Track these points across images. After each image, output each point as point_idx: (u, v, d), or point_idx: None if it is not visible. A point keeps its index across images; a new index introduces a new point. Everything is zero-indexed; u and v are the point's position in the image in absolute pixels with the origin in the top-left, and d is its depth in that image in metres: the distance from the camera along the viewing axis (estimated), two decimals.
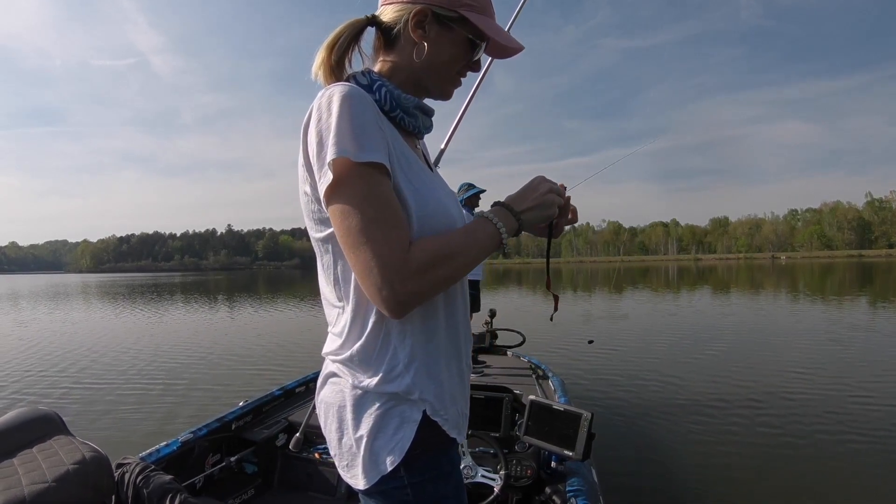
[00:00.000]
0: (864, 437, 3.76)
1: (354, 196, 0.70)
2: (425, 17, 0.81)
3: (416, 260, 0.70)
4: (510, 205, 0.83)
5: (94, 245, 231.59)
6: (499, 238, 0.79)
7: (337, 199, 0.71)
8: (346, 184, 0.71)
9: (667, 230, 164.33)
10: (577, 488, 1.78)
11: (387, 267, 0.68)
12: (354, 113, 0.72)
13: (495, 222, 0.79)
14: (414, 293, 0.70)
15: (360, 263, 0.70)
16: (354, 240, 0.70)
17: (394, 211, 0.72)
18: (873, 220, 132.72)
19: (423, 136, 0.93)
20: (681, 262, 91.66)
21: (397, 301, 0.70)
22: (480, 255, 0.77)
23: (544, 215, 0.85)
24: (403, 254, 0.69)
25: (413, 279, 0.69)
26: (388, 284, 0.69)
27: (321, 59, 0.84)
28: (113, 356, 8.02)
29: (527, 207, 0.83)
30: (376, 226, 0.69)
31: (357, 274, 0.72)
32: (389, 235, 0.69)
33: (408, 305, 0.71)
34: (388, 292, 0.69)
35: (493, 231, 0.79)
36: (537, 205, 0.84)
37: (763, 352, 7.11)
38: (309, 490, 2.35)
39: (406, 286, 0.69)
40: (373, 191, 0.71)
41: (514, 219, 0.81)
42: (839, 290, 17.79)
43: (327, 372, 0.85)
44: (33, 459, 1.27)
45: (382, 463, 0.76)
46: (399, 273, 0.69)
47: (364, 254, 0.70)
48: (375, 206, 0.70)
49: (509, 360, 4.22)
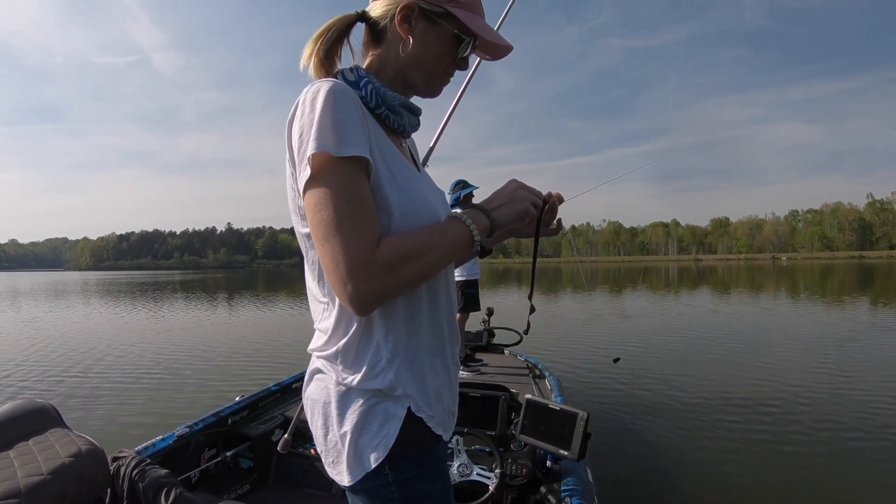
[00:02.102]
0: (864, 438, 3.76)
1: (330, 190, 0.70)
2: (412, 12, 0.81)
3: (382, 257, 0.69)
4: (481, 205, 0.84)
5: (93, 243, 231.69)
6: (470, 237, 0.78)
7: (313, 192, 0.71)
8: (324, 178, 0.70)
9: (667, 230, 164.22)
10: (573, 488, 1.78)
11: (352, 263, 0.68)
12: (337, 108, 0.72)
13: (465, 221, 0.79)
14: (377, 291, 0.69)
15: (327, 257, 0.70)
16: (324, 233, 0.70)
17: (366, 208, 0.71)
18: (874, 222, 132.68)
19: (410, 135, 0.93)
20: (681, 263, 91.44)
21: (360, 298, 0.69)
22: (451, 254, 0.77)
23: (516, 210, 0.84)
24: (370, 251, 0.69)
25: (378, 277, 0.69)
26: (352, 280, 0.68)
27: (308, 52, 0.84)
28: (111, 350, 8.04)
29: (497, 206, 0.83)
30: (347, 221, 0.69)
31: (324, 268, 0.72)
32: (358, 231, 0.69)
33: (371, 303, 0.71)
34: (351, 288, 0.69)
35: (463, 229, 0.78)
36: (508, 201, 0.84)
37: (761, 352, 7.10)
38: (304, 486, 2.36)
39: (370, 283, 0.69)
40: (348, 186, 0.71)
41: (485, 217, 0.81)
42: (839, 292, 17.78)
43: (313, 368, 0.85)
44: (29, 452, 1.28)
45: (367, 460, 0.76)
46: (364, 270, 0.68)
47: (331, 248, 0.69)
48: (349, 202, 0.70)
49: (506, 359, 4.22)
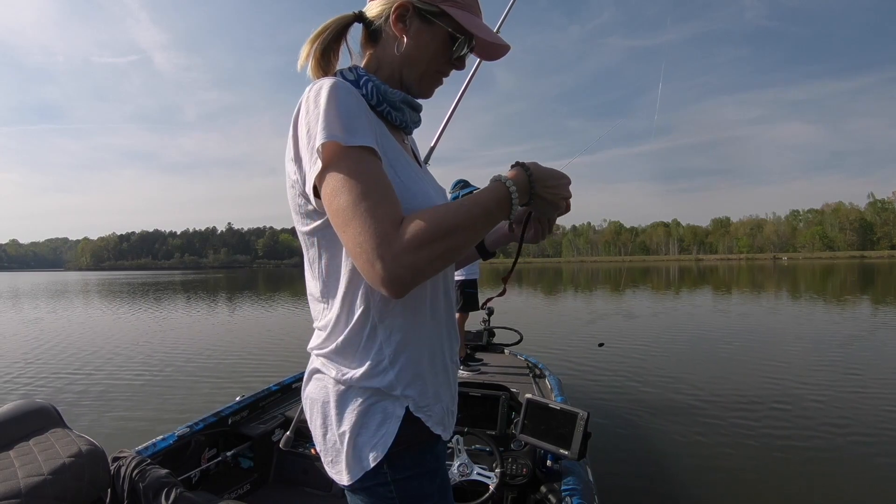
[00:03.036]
0: (864, 439, 3.75)
1: (343, 176, 0.68)
2: (407, 12, 0.82)
3: (409, 232, 0.66)
4: (533, 174, 0.77)
5: (94, 243, 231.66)
6: (509, 204, 0.73)
7: (327, 182, 0.70)
8: (336, 166, 0.69)
9: (668, 230, 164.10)
10: (573, 487, 1.78)
11: (376, 241, 0.65)
12: (341, 102, 0.71)
13: (510, 187, 0.73)
14: (408, 267, 0.65)
15: (351, 241, 0.68)
16: (343, 219, 0.68)
17: (384, 186, 0.69)
18: (875, 222, 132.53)
19: (412, 132, 0.93)
20: (682, 263, 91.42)
21: (390, 277, 0.65)
22: (487, 224, 0.72)
23: (545, 211, 0.82)
24: (394, 227, 0.66)
25: (406, 252, 0.65)
26: (379, 259, 0.65)
27: (305, 52, 0.84)
28: (111, 351, 8.03)
29: (544, 193, 0.78)
30: (365, 201, 0.67)
31: (350, 254, 0.69)
32: (377, 210, 0.66)
33: (403, 281, 0.66)
34: (380, 266, 0.65)
35: (498, 188, 0.73)
36: (552, 200, 0.80)
37: (762, 352, 7.09)
38: (304, 485, 2.36)
39: (399, 260, 0.65)
40: (362, 169, 0.69)
41: (528, 190, 0.76)
42: (840, 292, 17.76)
43: (312, 368, 0.85)
44: (30, 452, 1.28)
45: (365, 459, 0.76)
46: (390, 246, 0.65)
47: (353, 231, 0.67)
48: (364, 183, 0.68)
49: (506, 359, 4.23)
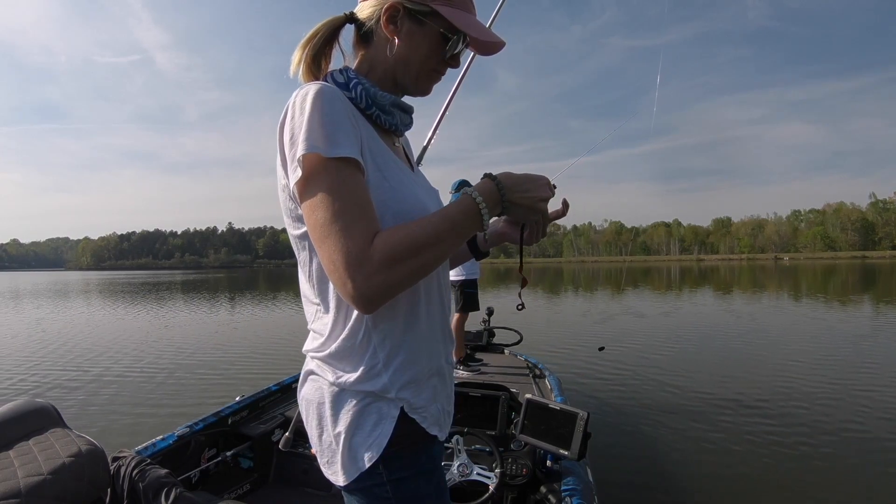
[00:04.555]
0: (864, 439, 3.75)
1: (322, 190, 0.69)
2: (397, 13, 0.81)
3: (380, 251, 0.67)
4: (502, 183, 0.76)
5: (94, 242, 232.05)
6: (475, 208, 0.73)
7: (307, 194, 0.70)
8: (315, 179, 0.70)
9: (669, 230, 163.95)
10: (573, 488, 1.78)
11: (348, 260, 0.66)
12: (326, 110, 0.71)
13: (476, 199, 0.73)
14: (379, 286, 0.67)
15: (325, 258, 0.69)
16: (320, 233, 0.69)
17: (361, 203, 0.69)
18: (877, 222, 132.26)
19: (403, 134, 0.93)
20: (683, 263, 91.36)
21: (361, 295, 0.67)
22: (456, 233, 0.72)
23: (526, 217, 0.81)
24: (366, 246, 0.66)
25: (378, 272, 0.66)
26: (350, 278, 0.66)
27: (297, 57, 0.84)
28: (111, 350, 8.04)
29: (517, 199, 0.77)
30: (340, 220, 0.67)
31: (326, 270, 0.70)
32: (352, 227, 0.67)
33: (374, 299, 0.68)
34: (351, 286, 0.66)
35: (466, 202, 0.73)
36: (528, 205, 0.78)
37: (762, 352, 7.08)
38: (304, 485, 2.36)
39: (370, 279, 0.66)
40: (341, 184, 0.69)
41: (499, 199, 0.75)
42: (842, 292, 17.74)
43: (307, 369, 0.85)
44: (29, 452, 1.28)
45: (361, 459, 0.76)
46: (361, 266, 0.66)
47: (328, 248, 0.68)
48: (341, 201, 0.68)
49: (506, 359, 4.23)
